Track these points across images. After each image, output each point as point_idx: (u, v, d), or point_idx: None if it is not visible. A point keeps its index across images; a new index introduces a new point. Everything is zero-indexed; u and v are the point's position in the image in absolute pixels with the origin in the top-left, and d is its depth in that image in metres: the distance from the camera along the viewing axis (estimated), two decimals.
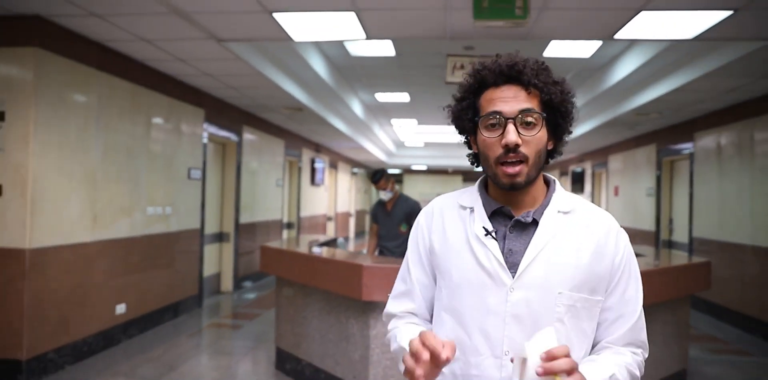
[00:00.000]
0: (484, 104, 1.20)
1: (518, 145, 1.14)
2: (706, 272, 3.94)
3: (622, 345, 1.22)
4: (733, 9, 3.27)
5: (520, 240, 1.21)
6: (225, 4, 3.48)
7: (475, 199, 1.28)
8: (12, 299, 3.82)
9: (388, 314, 1.38)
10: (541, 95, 1.17)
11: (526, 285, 1.17)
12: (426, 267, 1.32)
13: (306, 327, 3.96)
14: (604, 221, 1.24)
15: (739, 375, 4.49)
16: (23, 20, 3.81)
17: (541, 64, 1.20)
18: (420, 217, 1.37)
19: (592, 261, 1.19)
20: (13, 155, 3.83)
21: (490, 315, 1.18)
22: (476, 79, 1.22)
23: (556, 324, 1.16)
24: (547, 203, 1.24)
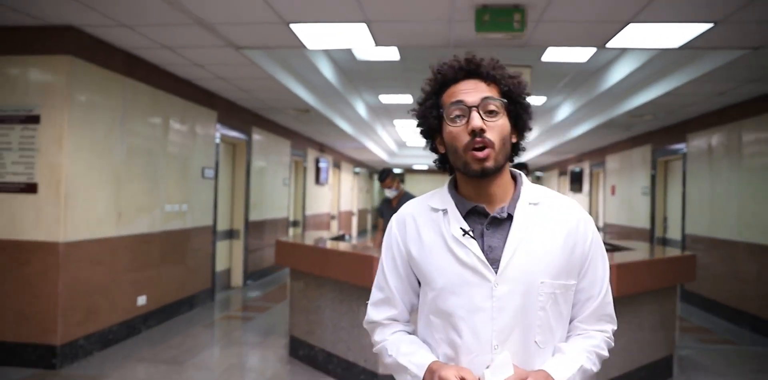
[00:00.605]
0: (446, 99, 1.25)
1: (483, 130, 1.19)
2: (691, 265, 4.23)
3: (592, 322, 1.31)
4: (714, 22, 3.57)
5: (497, 236, 1.25)
6: (247, 16, 3.77)
7: (447, 200, 1.31)
8: (47, 289, 4.11)
9: (370, 321, 1.40)
10: (499, 86, 1.24)
11: (509, 278, 1.21)
12: (402, 274, 1.35)
13: (319, 315, 4.26)
14: (572, 209, 1.31)
15: (723, 361, 4.80)
16: (58, 31, 4.10)
17: (496, 61, 1.27)
18: (392, 225, 1.39)
19: (566, 248, 1.25)
20: (47, 155, 4.12)
21: (478, 312, 1.22)
22: (437, 79, 1.27)
23: (539, 312, 1.22)
24: (518, 196, 1.29)
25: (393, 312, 1.37)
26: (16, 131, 4.14)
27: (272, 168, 8.99)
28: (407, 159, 18.53)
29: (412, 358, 1.26)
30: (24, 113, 4.13)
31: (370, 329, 1.42)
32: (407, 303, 1.38)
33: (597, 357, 1.28)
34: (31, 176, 4.12)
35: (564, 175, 15.80)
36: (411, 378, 1.25)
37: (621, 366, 3.77)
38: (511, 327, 1.21)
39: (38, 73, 4.16)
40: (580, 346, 1.27)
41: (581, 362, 1.23)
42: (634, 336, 3.83)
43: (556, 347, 1.26)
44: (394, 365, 1.31)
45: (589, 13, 3.55)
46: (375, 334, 1.39)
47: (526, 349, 1.22)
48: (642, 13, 3.46)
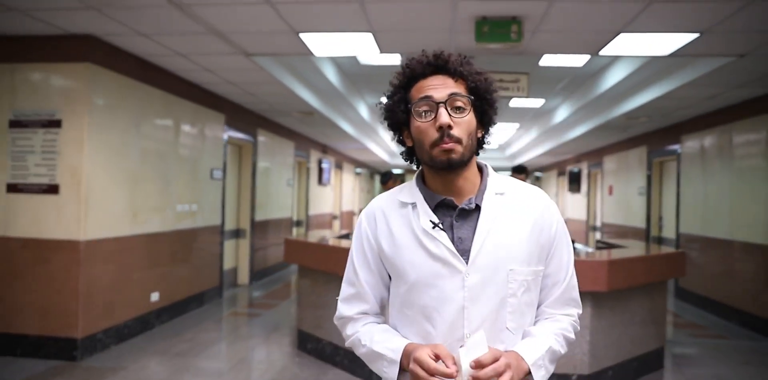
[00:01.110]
0: (414, 94, 1.27)
1: (450, 126, 1.21)
2: (681, 262, 4.45)
3: (559, 306, 1.35)
4: (700, 32, 3.79)
5: (466, 227, 1.27)
6: (259, 26, 3.99)
7: (416, 194, 1.33)
8: (69, 285, 4.33)
9: (341, 317, 1.42)
10: (467, 82, 1.26)
11: (480, 268, 1.24)
12: (373, 268, 1.36)
13: (326, 310, 4.47)
14: (537, 197, 1.34)
15: (713, 354, 5.02)
16: (79, 39, 4.31)
17: (464, 57, 1.29)
18: (361, 219, 1.40)
19: (533, 235, 1.29)
20: (68, 157, 4.33)
21: (450, 303, 1.24)
22: (405, 74, 1.29)
23: (510, 299, 1.25)
24: (485, 187, 1.31)
25: (364, 306, 1.38)
26: (38, 135, 4.35)
27: (277, 169, 9.21)
28: None
29: (387, 344, 1.28)
30: (46, 117, 4.34)
31: (340, 324, 1.43)
32: (378, 297, 1.39)
33: (564, 340, 1.32)
34: (53, 177, 4.34)
35: (562, 175, 16.01)
36: (388, 364, 1.26)
37: (614, 357, 3.98)
38: (483, 315, 1.24)
39: (60, 79, 4.37)
40: (549, 330, 1.31)
41: (549, 343, 1.27)
42: (626, 328, 4.04)
43: (526, 331, 1.30)
44: (369, 354, 1.31)
45: (582, 23, 3.77)
46: (347, 329, 1.40)
47: (498, 335, 1.25)
48: (632, 23, 3.68)
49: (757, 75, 4.90)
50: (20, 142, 4.37)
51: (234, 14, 3.75)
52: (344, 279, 1.42)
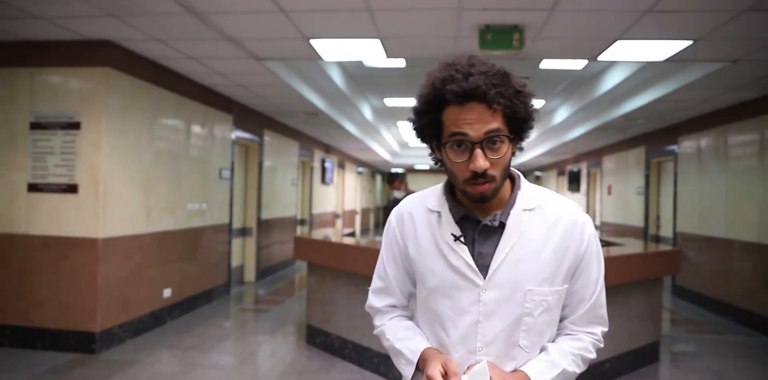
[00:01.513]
0: (447, 123, 1.19)
1: (486, 169, 1.17)
2: (676, 259, 4.62)
3: (583, 323, 1.32)
4: (693, 39, 3.96)
5: (488, 243, 1.26)
6: (271, 32, 4.15)
7: (442, 203, 1.32)
8: (87, 281, 4.50)
9: (371, 307, 1.47)
10: (504, 109, 1.17)
11: (496, 285, 1.23)
12: (400, 266, 1.40)
13: (335, 305, 4.65)
14: (569, 213, 1.29)
15: (707, 348, 5.20)
16: (97, 45, 4.48)
17: (502, 74, 1.18)
18: (391, 219, 1.42)
19: (559, 254, 1.26)
20: (87, 158, 4.51)
21: (465, 315, 1.25)
22: (437, 94, 1.18)
23: (526, 318, 1.24)
24: (513, 202, 1.28)
25: (392, 300, 1.43)
26: (58, 137, 4.52)
27: (282, 169, 9.38)
28: (409, 159, 18.91)
29: (407, 344, 1.32)
30: (65, 119, 4.52)
31: (371, 313, 1.49)
32: (405, 292, 1.43)
33: (582, 360, 1.29)
34: (72, 177, 4.51)
35: (562, 175, 16.18)
36: (405, 363, 1.32)
37: (611, 350, 4.16)
38: (496, 331, 1.24)
39: (78, 83, 4.54)
40: (566, 348, 1.28)
41: (564, 365, 1.25)
42: (623, 323, 4.21)
43: (543, 346, 1.29)
44: (391, 348, 1.38)
45: (580, 31, 3.94)
46: (375, 319, 1.47)
47: (509, 352, 1.25)
48: (628, 31, 3.85)
49: (750, 79, 5.07)
50: (40, 143, 4.54)
51: (248, 21, 3.92)
52: (375, 272, 1.47)
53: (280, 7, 3.57)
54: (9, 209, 4.58)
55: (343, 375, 4.20)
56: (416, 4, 3.49)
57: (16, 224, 4.57)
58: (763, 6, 3.27)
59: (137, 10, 3.70)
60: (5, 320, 4.57)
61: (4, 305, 4.57)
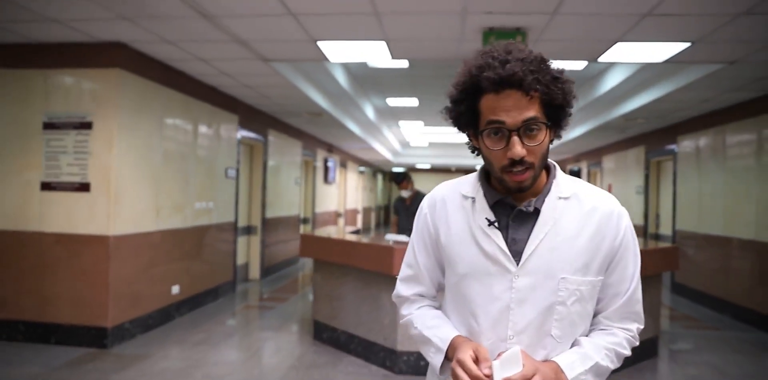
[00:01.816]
0: (484, 111, 1.18)
1: (524, 157, 1.16)
2: (674, 256, 4.73)
3: (617, 319, 1.28)
4: (691, 41, 4.07)
5: (522, 229, 1.24)
6: (280, 34, 4.26)
7: (477, 189, 1.31)
8: (99, 277, 4.61)
9: (399, 296, 1.46)
10: (542, 96, 1.15)
11: (529, 272, 1.21)
12: (431, 253, 1.38)
13: (342, 301, 4.75)
14: (605, 203, 1.27)
15: (704, 343, 5.31)
16: (109, 46, 4.59)
17: (539, 61, 1.17)
18: (424, 206, 1.40)
19: (594, 244, 1.23)
20: (99, 157, 4.61)
21: (496, 302, 1.23)
22: (473, 82, 1.17)
23: (558, 306, 1.22)
24: (548, 190, 1.26)
25: (420, 288, 1.41)
26: (71, 136, 4.63)
27: (285, 168, 9.49)
28: (411, 158, 19.02)
29: (436, 332, 1.31)
30: (78, 119, 4.62)
31: (398, 302, 1.47)
32: (434, 280, 1.41)
33: (616, 355, 1.25)
34: (84, 176, 4.62)
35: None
36: (435, 351, 1.30)
37: None
38: (528, 319, 1.22)
39: (91, 84, 4.64)
40: (601, 342, 1.25)
41: (597, 359, 1.22)
42: None
43: (576, 340, 1.26)
44: (420, 337, 1.35)
45: (581, 34, 4.04)
46: (402, 308, 1.45)
47: (541, 341, 1.23)
48: (627, 34, 3.96)
49: (748, 80, 5.18)
50: (53, 143, 4.65)
51: (257, 24, 4.03)
52: (404, 261, 1.46)
53: (290, 10, 3.68)
54: (23, 208, 4.68)
55: (350, 369, 4.31)
56: (422, 8, 3.60)
57: (29, 222, 4.68)
58: (759, 10, 3.38)
59: (151, 13, 3.81)
60: (20, 315, 4.68)
61: (19, 300, 4.68)
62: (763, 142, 5.91)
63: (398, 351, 4.17)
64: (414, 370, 4.16)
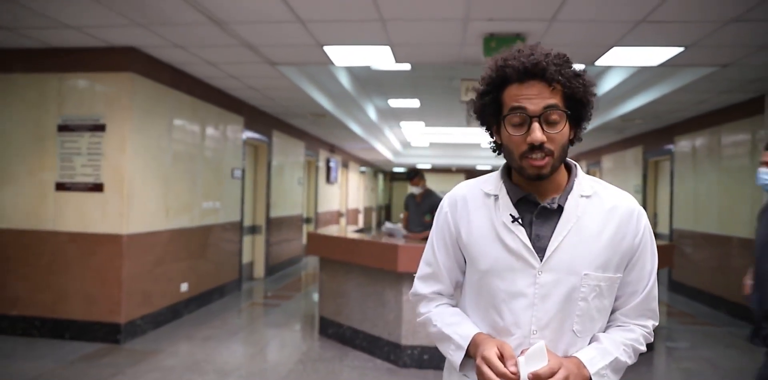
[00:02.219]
0: (507, 101, 1.22)
1: (543, 142, 1.19)
2: (669, 253, 4.89)
3: (634, 316, 1.31)
4: (684, 46, 4.22)
5: (545, 226, 1.27)
6: (287, 40, 4.41)
7: (499, 187, 1.33)
8: (113, 275, 4.76)
9: (417, 294, 1.46)
10: (563, 89, 1.19)
11: (553, 268, 1.23)
12: (450, 252, 1.40)
13: (347, 297, 4.91)
14: (625, 203, 1.30)
15: (699, 338, 5.47)
16: (121, 51, 4.74)
17: (562, 57, 1.22)
18: (444, 205, 1.42)
19: (614, 242, 1.26)
20: (112, 159, 4.76)
21: (520, 297, 1.25)
22: (499, 74, 1.23)
23: (580, 302, 1.24)
24: (570, 188, 1.29)
25: (439, 286, 1.42)
26: (85, 138, 4.78)
27: (289, 168, 9.64)
28: (411, 159, 19.16)
29: (456, 329, 1.32)
30: (91, 122, 4.77)
31: (415, 300, 1.48)
32: (453, 279, 1.42)
33: (633, 351, 1.29)
34: (98, 177, 4.77)
35: None
36: (455, 348, 1.31)
37: None
38: (550, 314, 1.24)
39: (104, 88, 4.79)
40: (619, 338, 1.28)
41: (616, 354, 1.24)
42: None
43: (594, 335, 1.28)
44: (439, 334, 1.36)
45: (579, 39, 4.19)
46: (420, 306, 1.45)
47: (562, 336, 1.25)
48: (623, 39, 4.11)
49: (741, 82, 5.33)
50: (68, 145, 4.80)
51: (267, 30, 4.17)
52: (422, 259, 1.47)
53: (299, 17, 3.83)
54: (38, 207, 4.83)
55: (355, 363, 4.46)
56: (426, 15, 3.75)
57: (45, 221, 4.83)
58: (748, 17, 3.53)
59: (165, 20, 3.96)
60: (36, 312, 4.83)
61: (35, 297, 4.83)
62: (757, 142, 6.06)
63: (402, 345, 4.32)
64: (417, 364, 4.31)
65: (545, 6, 3.52)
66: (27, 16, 3.90)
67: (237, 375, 4.15)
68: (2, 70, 4.84)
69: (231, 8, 3.71)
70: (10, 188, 4.87)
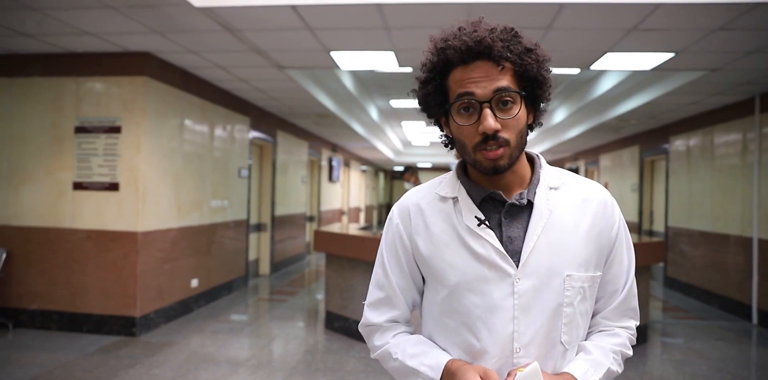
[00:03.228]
0: (453, 86, 1.08)
1: (497, 130, 1.04)
2: (660, 249, 5.11)
3: (616, 317, 1.20)
4: (675, 52, 4.43)
5: (516, 226, 1.12)
6: (296, 45, 4.61)
7: (458, 187, 1.18)
8: (128, 270, 4.97)
9: (369, 324, 1.26)
10: (514, 67, 1.06)
11: (532, 272, 1.09)
12: (405, 270, 1.21)
13: (352, 292, 5.12)
14: (597, 193, 1.18)
15: (691, 331, 5.69)
16: (136, 56, 4.95)
17: (510, 31, 1.09)
18: (393, 216, 1.24)
19: (592, 236, 1.14)
20: (127, 159, 4.97)
21: (497, 311, 1.10)
22: (440, 58, 1.09)
23: (566, 308, 1.11)
24: (537, 181, 1.16)
25: (394, 313, 1.23)
26: (101, 139, 4.99)
27: (293, 167, 9.85)
28: (412, 157, 19.36)
29: (423, 359, 1.14)
30: (108, 124, 4.98)
31: (367, 332, 1.28)
32: (410, 302, 1.24)
33: (622, 358, 1.19)
34: (114, 176, 4.98)
35: None
36: None
37: None
38: (535, 327, 1.09)
39: (119, 91, 5.00)
40: (607, 346, 1.16)
41: (608, 364, 1.13)
42: None
43: (580, 345, 1.16)
44: (402, 369, 1.17)
45: (574, 45, 4.40)
46: (374, 338, 1.26)
47: (550, 351, 1.11)
48: (616, 45, 4.32)
49: (730, 85, 5.55)
50: (85, 146, 5.01)
51: (277, 36, 4.38)
52: (372, 282, 1.27)
53: (308, 25, 4.03)
54: (56, 206, 5.04)
55: (361, 354, 4.67)
56: (429, 23, 3.95)
57: (63, 219, 5.04)
58: (731, 26, 3.74)
59: (181, 28, 4.16)
60: (54, 306, 5.05)
61: (54, 292, 5.04)
62: (747, 142, 6.27)
63: None
64: None
65: (541, 16, 3.73)
66: (50, 25, 4.11)
67: (248, 365, 4.36)
68: (22, 74, 5.05)
69: (245, 17, 3.91)
70: (30, 188, 5.08)
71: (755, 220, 6.06)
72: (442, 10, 3.68)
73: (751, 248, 6.16)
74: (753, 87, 5.63)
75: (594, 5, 3.48)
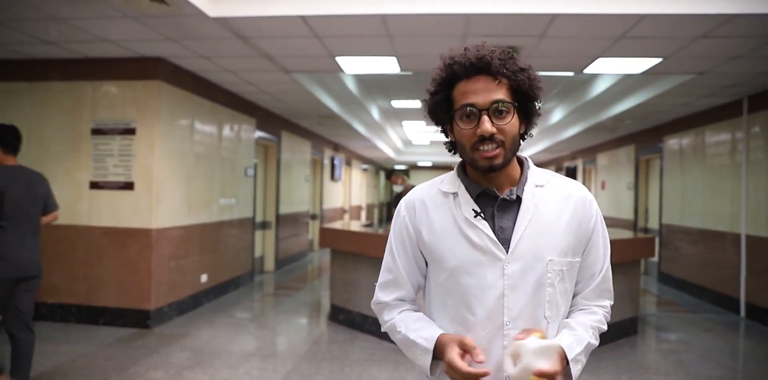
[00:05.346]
0: (457, 97, 1.27)
1: (493, 134, 1.23)
2: (650, 245, 5.34)
3: (593, 297, 1.38)
4: (662, 57, 4.68)
5: (506, 217, 1.31)
6: (303, 52, 4.85)
7: (457, 184, 1.37)
8: (143, 265, 5.22)
9: (379, 302, 1.45)
10: (509, 82, 1.25)
11: (520, 257, 1.28)
12: (411, 256, 1.40)
13: (356, 285, 5.36)
14: (578, 191, 1.37)
15: (680, 324, 5.94)
16: (150, 61, 5.18)
17: (507, 53, 1.28)
18: (401, 209, 1.43)
19: (572, 227, 1.32)
20: (142, 160, 5.21)
21: (490, 290, 1.28)
22: (447, 73, 1.28)
23: (548, 288, 1.29)
24: (525, 179, 1.35)
25: (401, 292, 1.42)
26: (116, 141, 5.23)
27: (296, 166, 10.10)
28: (412, 156, 19.59)
29: (420, 333, 1.32)
30: (123, 126, 5.22)
31: (378, 309, 1.46)
32: (414, 284, 1.43)
33: (598, 332, 1.35)
34: (129, 176, 5.22)
35: (560, 171, 16.86)
36: (421, 352, 1.31)
37: None
38: (521, 303, 1.28)
39: (134, 94, 5.23)
40: (586, 322, 1.33)
41: (588, 339, 1.30)
42: None
43: (563, 322, 1.33)
44: (404, 340, 1.36)
45: (567, 51, 4.64)
46: (383, 314, 1.44)
47: (536, 324, 1.29)
48: (607, 51, 4.55)
49: (718, 88, 5.79)
50: (101, 147, 5.24)
51: (285, 43, 4.62)
52: (382, 266, 1.46)
53: (316, 34, 4.27)
54: (74, 204, 5.28)
55: (365, 344, 4.92)
56: (429, 32, 4.19)
57: (80, 217, 5.28)
58: (714, 34, 3.98)
59: (195, 35, 4.40)
60: (72, 299, 5.29)
61: (72, 286, 5.29)
62: (737, 142, 6.51)
63: None
64: None
65: (535, 24, 3.97)
66: (73, 33, 4.34)
67: (260, 354, 4.61)
68: (41, 78, 5.29)
69: (257, 26, 4.14)
70: None
71: (743, 217, 6.31)
72: (442, 19, 3.92)
73: (739, 244, 6.40)
74: (741, 89, 5.87)
75: (583, 16, 3.72)
